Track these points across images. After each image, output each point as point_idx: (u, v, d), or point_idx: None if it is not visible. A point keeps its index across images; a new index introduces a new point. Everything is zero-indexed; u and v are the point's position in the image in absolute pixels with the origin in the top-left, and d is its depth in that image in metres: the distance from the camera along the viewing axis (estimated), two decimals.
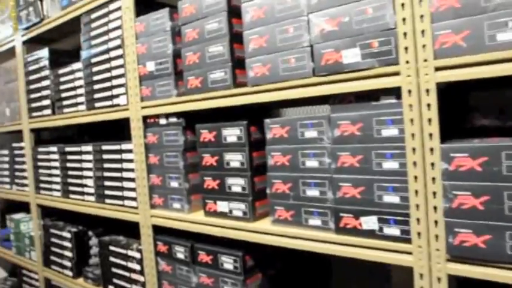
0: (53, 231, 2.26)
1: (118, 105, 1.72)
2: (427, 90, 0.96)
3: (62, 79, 2.05)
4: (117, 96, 1.73)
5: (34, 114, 2.28)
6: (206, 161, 1.46)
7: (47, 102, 2.16)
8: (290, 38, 1.19)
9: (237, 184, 1.38)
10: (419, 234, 1.00)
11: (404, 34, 0.99)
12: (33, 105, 2.27)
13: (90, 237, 2.19)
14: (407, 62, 0.99)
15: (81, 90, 1.93)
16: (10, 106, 2.49)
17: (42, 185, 2.29)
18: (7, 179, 2.63)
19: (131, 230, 1.97)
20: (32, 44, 2.36)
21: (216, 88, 1.38)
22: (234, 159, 1.38)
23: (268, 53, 1.24)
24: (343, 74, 1.10)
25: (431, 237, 0.98)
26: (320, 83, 1.14)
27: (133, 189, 1.71)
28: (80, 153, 1.98)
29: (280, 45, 1.21)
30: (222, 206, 1.43)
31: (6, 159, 2.62)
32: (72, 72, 1.98)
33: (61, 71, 2.05)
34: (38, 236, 2.37)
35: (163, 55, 1.55)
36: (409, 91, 0.99)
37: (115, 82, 1.73)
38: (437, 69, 0.95)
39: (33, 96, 2.27)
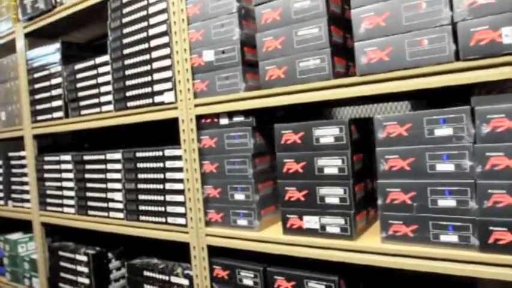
0: (62, 253, 1.89)
1: (162, 103, 1.42)
2: None
3: (80, 75, 1.71)
4: (159, 93, 1.42)
5: (39, 117, 1.91)
6: (288, 168, 1.18)
7: (57, 103, 1.81)
8: (421, 15, 0.94)
9: (333, 194, 1.11)
10: None
11: None
12: (39, 107, 1.91)
13: (110, 260, 1.84)
14: None
15: (107, 88, 1.61)
16: (6, 109, 2.10)
17: (48, 200, 1.92)
18: (0, 194, 2.22)
19: (158, 248, 1.67)
20: (33, 38, 2.00)
21: (308, 79, 1.11)
22: (330, 165, 1.11)
23: (390, 34, 0.98)
24: (502, 57, 0.86)
25: None
26: (467, 69, 0.90)
27: (180, 204, 1.40)
28: (104, 162, 1.64)
29: (407, 24, 0.96)
30: (311, 221, 1.16)
31: (0, 170, 2.21)
32: (94, 67, 1.65)
33: (79, 66, 1.71)
34: (43, 259, 1.98)
35: (227, 42, 1.27)
36: None
37: (157, 76, 1.42)
38: None
39: (38, 96, 1.91)
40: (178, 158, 1.40)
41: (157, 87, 1.43)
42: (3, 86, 2.11)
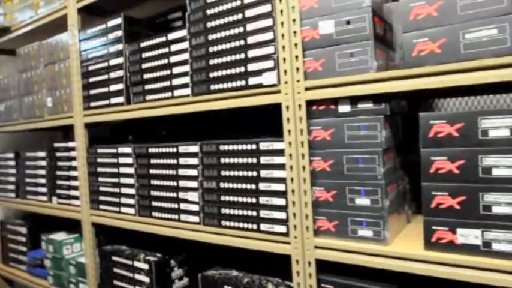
0: (117, 259, 1.68)
1: (259, 86, 1.18)
2: None
3: (147, 54, 1.48)
4: (256, 73, 1.19)
5: (93, 104, 1.69)
6: (438, 168, 0.94)
7: (117, 87, 1.58)
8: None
9: (505, 203, 0.87)
10: None
11: None
12: (93, 91, 1.69)
13: (172, 268, 1.62)
14: None
15: (182, 69, 1.38)
16: (53, 94, 1.89)
17: (102, 198, 1.70)
18: (43, 189, 2.02)
19: (228, 256, 1.45)
20: (85, 15, 1.78)
21: (478, 54, 0.87)
22: (502, 165, 0.86)
23: None
24: None
25: None
26: None
27: (280, 208, 1.17)
28: (176, 155, 1.41)
29: None
30: (469, 235, 0.91)
31: (43, 163, 2.01)
32: (165, 44, 1.42)
33: (146, 44, 1.48)
34: (93, 264, 1.76)
35: (353, 10, 1.02)
36: None
37: (253, 53, 1.19)
38: None
39: (93, 80, 1.69)
40: (279, 152, 1.16)
41: (252, 67, 1.19)
42: (50, 69, 1.90)
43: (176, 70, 1.40)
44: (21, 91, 2.08)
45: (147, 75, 1.49)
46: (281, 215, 1.17)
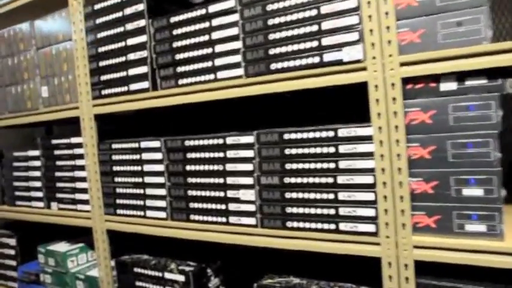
0: (140, 271, 1.47)
1: (337, 62, 1.02)
2: None
3: (179, 31, 1.28)
4: (333, 47, 1.03)
5: (106, 91, 1.46)
6: None
7: (140, 70, 1.37)
8: None
9: None
10: None
11: None
12: (104, 77, 1.46)
13: (209, 278, 1.44)
14: None
15: (229, 46, 1.19)
16: (49, 82, 1.63)
17: (119, 201, 1.48)
18: (38, 194, 1.76)
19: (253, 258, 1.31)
20: None
21: None
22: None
23: None
24: None
25: None
26: None
27: (367, 204, 1.02)
28: (223, 147, 1.23)
29: None
30: None
31: (37, 163, 1.75)
32: (204, 18, 1.23)
33: (177, 19, 1.28)
34: (109, 278, 1.55)
35: None
36: None
37: (329, 25, 1.03)
38: None
39: (104, 63, 1.46)
40: (364, 139, 1.01)
41: (328, 41, 1.03)
42: (45, 53, 1.63)
43: (220, 48, 1.22)
44: (5, 80, 1.80)
45: (179, 56, 1.29)
46: (367, 212, 1.02)
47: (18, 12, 1.75)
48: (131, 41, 1.39)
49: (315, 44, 1.06)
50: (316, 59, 1.06)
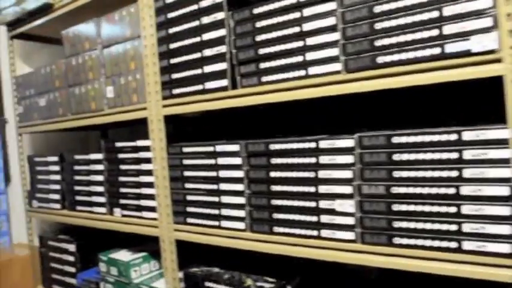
0: (213, 285, 1.36)
1: (466, 54, 0.88)
2: None
3: (265, 23, 1.17)
4: (459, 36, 0.88)
5: (177, 91, 1.37)
6: None
7: (217, 67, 1.27)
8: None
9: None
10: None
11: None
12: (177, 75, 1.37)
13: None
14: None
15: (323, 38, 1.07)
16: (116, 82, 1.56)
17: (190, 209, 1.38)
18: (101, 199, 1.69)
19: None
20: None
21: None
22: None
23: None
24: None
25: None
26: None
27: (496, 219, 0.86)
28: (316, 152, 1.10)
29: None
30: None
31: (99, 167, 1.68)
32: (295, 7, 1.11)
33: (262, 10, 1.17)
34: None
35: None
36: None
37: (452, 10, 0.88)
38: None
39: (177, 60, 1.37)
40: (498, 143, 0.86)
41: (451, 29, 0.88)
42: (112, 51, 1.56)
43: (313, 41, 1.09)
44: (69, 81, 1.75)
45: (264, 50, 1.18)
46: (499, 229, 0.86)
47: (84, 10, 1.70)
48: (207, 36, 1.29)
49: (434, 32, 0.91)
50: (436, 50, 0.92)
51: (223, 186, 1.30)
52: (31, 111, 1.99)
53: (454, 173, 0.92)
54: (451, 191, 0.92)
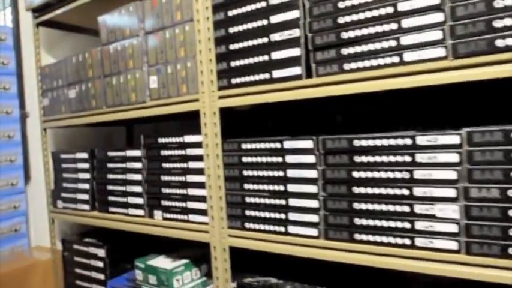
0: None
1: None
2: None
3: (350, 2, 1.04)
4: None
5: (236, 80, 1.24)
6: None
7: (288, 53, 1.14)
8: None
9: None
10: None
11: None
12: (236, 63, 1.24)
13: None
14: None
15: (425, 19, 0.95)
16: (160, 71, 1.43)
17: (250, 213, 1.25)
18: (138, 200, 1.56)
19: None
20: None
21: None
22: None
23: None
24: None
25: None
26: None
27: None
28: (410, 149, 0.97)
29: None
30: None
31: (137, 165, 1.55)
32: None
33: None
34: None
35: None
36: None
37: None
38: None
39: (238, 46, 1.24)
40: None
41: None
42: (157, 37, 1.43)
43: (409, 22, 0.96)
44: (105, 70, 1.62)
45: (347, 34, 1.05)
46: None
47: None
48: (276, 18, 1.17)
49: None
50: None
51: (292, 188, 1.18)
52: (58, 103, 1.86)
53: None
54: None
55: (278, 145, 1.20)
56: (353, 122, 1.56)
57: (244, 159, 1.27)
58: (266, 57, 1.19)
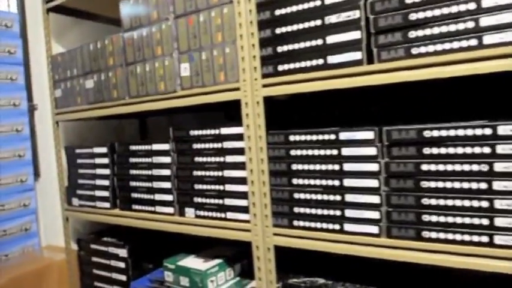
0: None
1: None
2: None
3: None
4: None
5: (284, 67, 1.16)
6: None
7: (346, 36, 1.06)
8: None
9: None
10: None
11: None
12: (284, 48, 1.16)
13: None
14: None
15: None
16: (192, 58, 1.33)
17: (300, 210, 1.17)
18: (168, 197, 1.47)
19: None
20: None
21: None
22: None
23: None
24: None
25: None
26: None
27: None
28: (492, 139, 0.90)
29: None
30: None
31: (166, 159, 1.46)
32: None
33: None
34: None
35: None
36: None
37: None
38: None
39: (284, 30, 1.15)
40: None
41: None
42: (189, 20, 1.34)
43: (489, 2, 0.88)
44: (127, 58, 1.51)
45: (416, 15, 0.97)
46: None
47: None
48: None
49: None
50: None
51: (349, 182, 1.10)
52: (73, 95, 1.74)
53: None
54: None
55: (333, 136, 1.11)
56: (393, 112, 1.48)
57: (293, 152, 1.18)
58: (320, 42, 1.11)
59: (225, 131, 1.32)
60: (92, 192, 1.72)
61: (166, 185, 1.48)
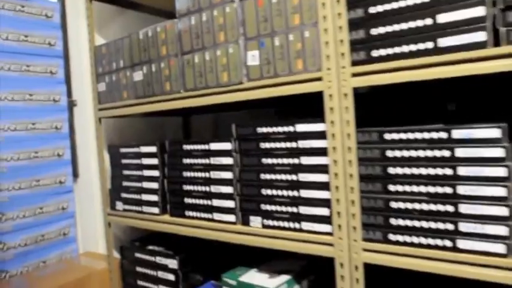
0: None
1: None
2: None
3: None
4: None
5: (379, 52, 0.98)
6: None
7: (465, 14, 0.87)
8: None
9: None
10: None
11: None
12: (379, 30, 0.98)
13: None
14: None
15: None
16: (263, 44, 1.17)
17: (397, 222, 0.99)
18: (229, 203, 1.31)
19: None
20: None
21: None
22: None
23: None
24: None
25: None
26: None
27: None
28: None
29: None
30: None
31: (227, 160, 1.30)
32: None
33: None
34: None
35: None
36: None
37: None
38: None
39: (381, 8, 0.97)
40: None
41: None
42: (260, 2, 1.17)
43: None
44: (183, 46, 1.36)
45: None
46: None
47: None
48: None
49: None
50: None
51: (464, 190, 0.91)
52: (118, 89, 1.60)
53: None
54: None
55: (443, 135, 0.93)
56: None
57: (390, 153, 1.01)
58: (429, 21, 0.93)
59: (301, 127, 1.15)
60: (139, 196, 1.58)
61: (227, 189, 1.32)
